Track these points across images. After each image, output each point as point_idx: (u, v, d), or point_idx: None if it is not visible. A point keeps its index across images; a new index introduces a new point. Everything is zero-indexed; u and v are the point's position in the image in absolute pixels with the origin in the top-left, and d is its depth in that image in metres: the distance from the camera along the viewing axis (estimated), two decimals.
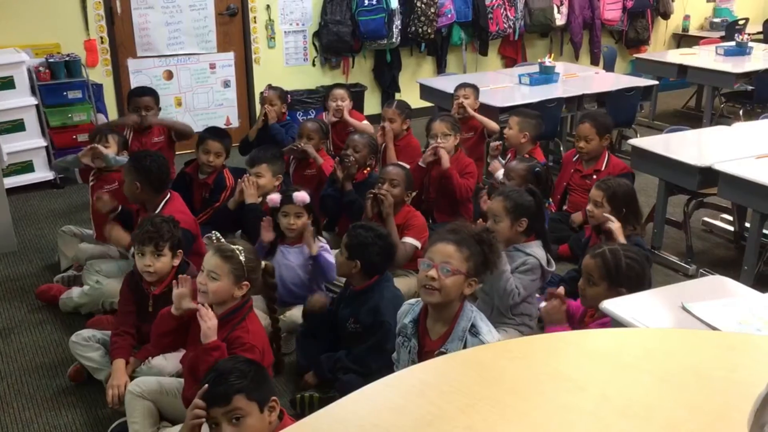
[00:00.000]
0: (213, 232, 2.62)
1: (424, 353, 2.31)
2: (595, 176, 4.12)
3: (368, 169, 4.03)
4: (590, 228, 3.46)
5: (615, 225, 3.18)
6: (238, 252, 2.49)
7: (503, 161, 4.34)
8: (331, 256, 3.31)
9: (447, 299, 2.27)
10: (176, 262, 2.88)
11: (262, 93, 4.94)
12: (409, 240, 3.47)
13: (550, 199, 4.19)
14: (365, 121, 4.94)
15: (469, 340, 2.26)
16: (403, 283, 3.42)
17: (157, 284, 2.87)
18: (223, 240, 2.55)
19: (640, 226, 3.35)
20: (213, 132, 4.07)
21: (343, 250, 2.92)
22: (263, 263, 2.70)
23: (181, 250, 2.91)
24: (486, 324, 2.32)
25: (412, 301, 2.48)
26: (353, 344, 2.89)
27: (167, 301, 2.81)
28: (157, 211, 3.30)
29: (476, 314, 2.32)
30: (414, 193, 3.70)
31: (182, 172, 4.07)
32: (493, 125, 4.70)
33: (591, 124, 4.18)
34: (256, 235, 3.39)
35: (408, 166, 3.79)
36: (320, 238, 3.39)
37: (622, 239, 3.10)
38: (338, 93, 4.92)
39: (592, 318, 2.62)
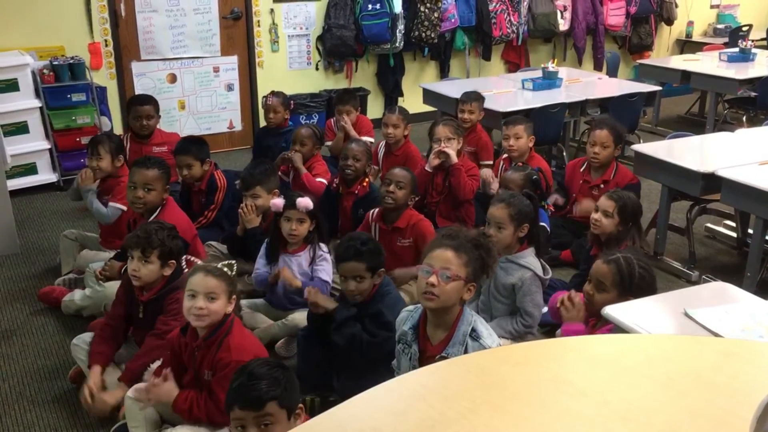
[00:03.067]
0: (185, 257, 2.57)
1: (425, 359, 2.31)
2: (602, 186, 4.11)
3: (367, 180, 4.02)
4: (591, 237, 3.44)
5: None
6: (226, 269, 2.45)
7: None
8: (326, 273, 3.29)
9: (446, 305, 2.26)
10: (167, 272, 2.83)
11: (264, 98, 4.95)
12: None
13: (548, 200, 4.18)
14: (367, 138, 4.88)
15: (470, 344, 2.26)
16: (405, 292, 3.42)
17: (146, 291, 2.86)
18: (198, 261, 2.51)
19: (642, 240, 3.32)
20: (180, 146, 4.03)
21: (365, 274, 2.76)
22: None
23: (173, 261, 2.85)
24: (486, 328, 2.32)
25: (411, 307, 2.47)
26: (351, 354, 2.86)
27: (155, 309, 2.83)
28: (155, 216, 3.33)
29: (476, 318, 2.32)
30: (417, 198, 3.70)
31: (181, 185, 4.10)
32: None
33: (609, 131, 4.14)
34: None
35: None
36: (321, 245, 3.38)
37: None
38: (344, 109, 4.93)
39: (594, 327, 2.61)
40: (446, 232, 2.42)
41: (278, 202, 3.32)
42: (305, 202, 3.25)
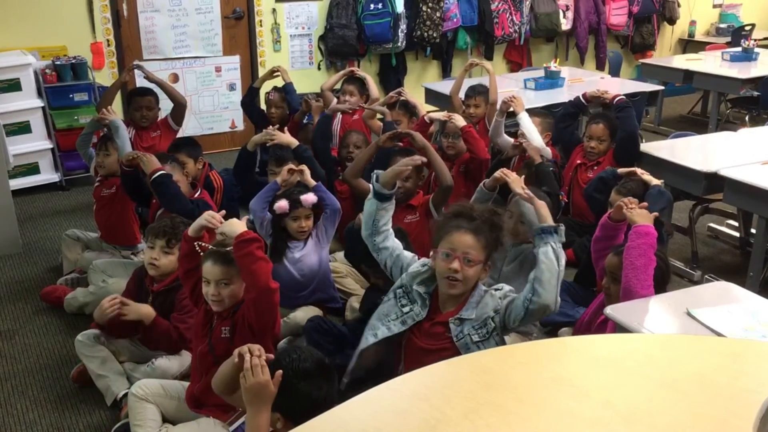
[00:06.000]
0: (196, 243, 2.57)
1: (428, 327, 2.33)
2: (596, 168, 4.10)
3: None
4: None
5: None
6: None
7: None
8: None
9: (467, 288, 2.31)
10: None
11: (267, 94, 5.00)
12: None
13: (562, 192, 4.18)
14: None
15: (483, 300, 2.30)
16: None
17: (159, 281, 2.88)
18: (209, 246, 2.51)
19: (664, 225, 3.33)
20: (172, 146, 4.03)
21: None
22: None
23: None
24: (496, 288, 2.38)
25: (426, 263, 2.43)
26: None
27: (166, 300, 2.86)
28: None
29: (484, 288, 2.38)
30: (424, 175, 3.71)
31: None
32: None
33: (605, 125, 4.13)
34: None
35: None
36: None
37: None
38: (347, 89, 4.95)
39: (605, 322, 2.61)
40: (459, 210, 2.39)
41: (283, 204, 3.30)
42: (310, 197, 3.27)
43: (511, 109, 4.20)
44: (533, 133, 4.10)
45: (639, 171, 3.43)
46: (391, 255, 2.51)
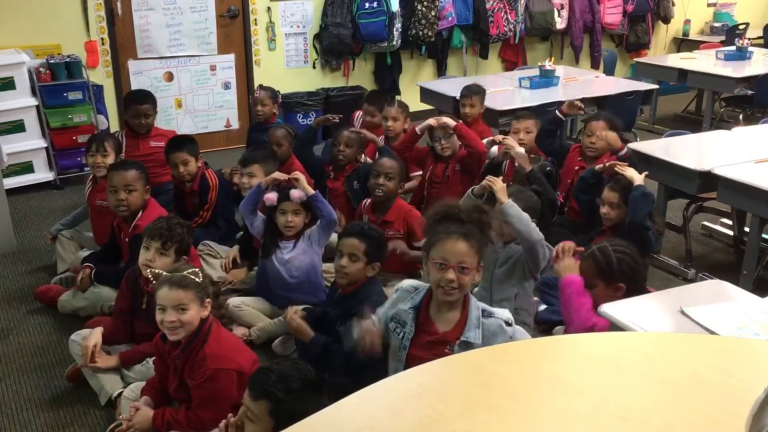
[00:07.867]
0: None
1: (425, 342, 2.30)
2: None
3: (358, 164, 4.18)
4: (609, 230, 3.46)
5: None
6: (192, 276, 2.41)
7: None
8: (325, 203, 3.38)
9: (464, 293, 2.30)
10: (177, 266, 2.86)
11: (254, 92, 5.00)
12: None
13: (558, 192, 4.19)
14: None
15: (485, 323, 2.29)
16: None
17: (152, 283, 2.87)
18: (163, 272, 2.49)
19: (656, 224, 3.34)
20: (173, 144, 3.99)
21: (361, 256, 2.81)
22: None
23: (185, 256, 2.89)
24: (491, 307, 2.38)
25: (410, 288, 2.41)
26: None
27: None
28: (138, 217, 3.32)
29: (479, 302, 2.36)
30: (404, 184, 3.72)
31: (174, 187, 4.07)
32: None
33: (606, 123, 4.15)
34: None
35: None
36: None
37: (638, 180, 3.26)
38: (369, 109, 4.82)
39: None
40: (446, 212, 2.33)
41: (272, 196, 3.33)
42: (299, 193, 3.28)
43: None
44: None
45: (618, 165, 3.44)
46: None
